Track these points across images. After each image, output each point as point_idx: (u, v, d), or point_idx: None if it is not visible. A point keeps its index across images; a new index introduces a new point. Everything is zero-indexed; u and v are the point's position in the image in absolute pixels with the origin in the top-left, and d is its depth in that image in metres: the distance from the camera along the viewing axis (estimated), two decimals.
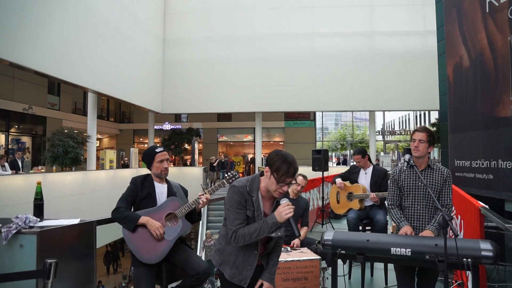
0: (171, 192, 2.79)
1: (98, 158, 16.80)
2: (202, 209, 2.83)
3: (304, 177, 4.02)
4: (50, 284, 1.76)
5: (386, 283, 4.03)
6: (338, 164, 25.32)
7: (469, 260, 2.05)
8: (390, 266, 3.83)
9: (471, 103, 7.63)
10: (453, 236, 2.05)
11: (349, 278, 4.21)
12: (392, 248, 2.26)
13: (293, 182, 3.92)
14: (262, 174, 2.07)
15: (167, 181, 2.85)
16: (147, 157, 2.77)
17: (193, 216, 2.77)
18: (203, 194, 2.71)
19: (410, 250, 2.22)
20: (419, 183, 2.61)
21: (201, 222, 12.24)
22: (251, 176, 2.11)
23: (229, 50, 18.25)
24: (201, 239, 11.34)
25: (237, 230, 1.97)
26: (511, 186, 6.13)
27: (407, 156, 2.61)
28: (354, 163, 4.56)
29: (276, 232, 1.95)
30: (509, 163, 6.20)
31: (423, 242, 2.27)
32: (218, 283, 3.59)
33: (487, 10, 6.77)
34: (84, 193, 12.13)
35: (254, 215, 2.01)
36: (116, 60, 14.52)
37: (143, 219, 2.58)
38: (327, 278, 3.50)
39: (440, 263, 2.08)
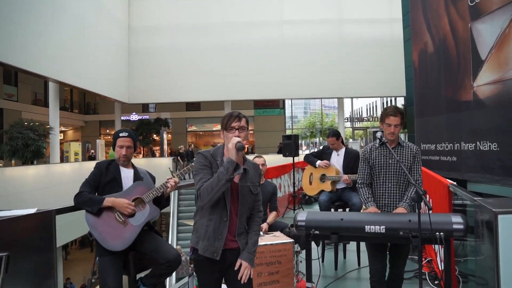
0: (137, 177, 2.65)
1: (62, 151, 16.14)
2: (171, 195, 2.71)
3: (259, 156, 4.00)
4: (1, 280, 1.59)
5: (359, 264, 4.07)
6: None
7: (441, 234, 2.06)
8: (363, 248, 3.87)
9: (436, 88, 7.83)
10: (426, 211, 2.05)
11: (322, 261, 4.22)
12: (366, 226, 2.24)
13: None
14: None
15: (134, 166, 2.72)
16: (113, 139, 2.68)
17: (161, 202, 2.65)
18: (171, 178, 2.59)
19: (384, 227, 2.21)
20: (390, 161, 2.61)
21: (171, 213, 12.03)
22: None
23: (197, 38, 17.88)
24: (173, 230, 11.14)
25: (200, 187, 1.96)
26: (473, 167, 6.35)
27: (379, 134, 2.59)
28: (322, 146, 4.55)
29: (236, 172, 1.93)
30: (470, 145, 6.41)
31: (397, 218, 2.26)
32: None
33: None
34: (48, 187, 11.61)
35: None
36: (78, 48, 13.86)
37: (108, 201, 2.44)
38: (301, 261, 3.49)
39: (414, 238, 2.08)
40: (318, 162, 4.40)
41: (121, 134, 2.64)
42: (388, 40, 16.73)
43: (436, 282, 3.31)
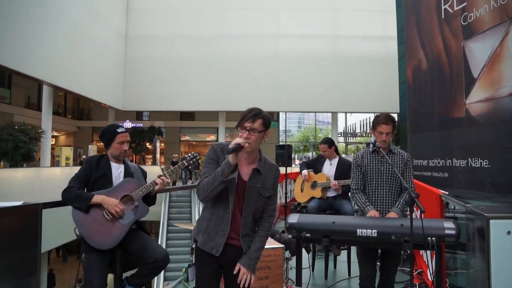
0: (128, 173, 2.60)
1: (53, 155, 15.96)
2: (162, 196, 2.66)
3: None
4: None
5: (349, 274, 4.03)
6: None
7: (433, 239, 2.05)
8: (353, 258, 3.84)
9: (429, 105, 7.91)
10: (418, 217, 2.04)
11: (313, 270, 4.17)
12: (358, 230, 2.22)
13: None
14: None
15: (124, 162, 2.66)
16: (107, 136, 2.56)
17: (148, 199, 2.60)
18: (162, 176, 2.55)
19: (376, 231, 2.19)
20: (382, 168, 2.62)
21: (161, 221, 11.87)
22: None
23: (194, 48, 17.98)
24: (162, 235, 11.00)
25: (200, 182, 1.90)
26: (464, 183, 6.38)
27: (373, 139, 2.59)
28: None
29: (231, 174, 1.85)
30: (462, 162, 6.46)
31: (389, 222, 2.25)
32: None
33: (443, 17, 7.04)
34: (37, 191, 11.42)
35: None
36: (75, 53, 13.85)
37: (97, 198, 2.37)
38: (291, 268, 3.44)
39: (406, 243, 2.06)
40: (303, 172, 4.45)
41: (119, 130, 2.56)
42: (383, 57, 16.97)
43: None
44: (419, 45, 8.43)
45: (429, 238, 2.05)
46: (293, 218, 2.43)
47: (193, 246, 2.05)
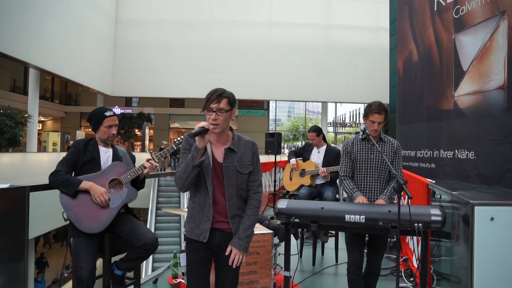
0: (116, 157, 2.58)
1: (40, 141, 15.73)
2: (152, 182, 2.65)
3: None
4: None
5: (337, 261, 4.10)
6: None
7: (420, 225, 2.09)
8: (341, 245, 3.90)
9: (418, 96, 7.99)
10: (406, 203, 2.07)
11: (300, 257, 4.22)
12: (346, 215, 2.25)
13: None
14: None
15: (113, 146, 2.63)
16: (94, 119, 2.52)
17: (137, 183, 2.59)
18: (151, 159, 2.54)
19: (364, 217, 2.22)
20: (372, 156, 2.64)
21: (150, 208, 11.84)
22: None
23: (185, 34, 17.77)
24: (151, 223, 10.98)
25: (176, 172, 1.93)
26: (450, 174, 6.50)
27: (363, 126, 2.61)
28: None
29: (201, 158, 1.86)
30: (449, 153, 6.57)
31: (377, 209, 2.28)
32: None
33: (435, 9, 7.08)
34: (23, 176, 11.27)
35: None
36: (63, 36, 13.56)
37: (85, 184, 2.35)
38: (279, 254, 3.48)
39: (393, 229, 2.09)
40: (291, 161, 4.47)
41: (107, 114, 2.52)
42: (374, 48, 17.02)
43: (411, 279, 3.36)
44: (411, 37, 8.47)
45: (415, 224, 2.09)
46: (282, 204, 2.45)
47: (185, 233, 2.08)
